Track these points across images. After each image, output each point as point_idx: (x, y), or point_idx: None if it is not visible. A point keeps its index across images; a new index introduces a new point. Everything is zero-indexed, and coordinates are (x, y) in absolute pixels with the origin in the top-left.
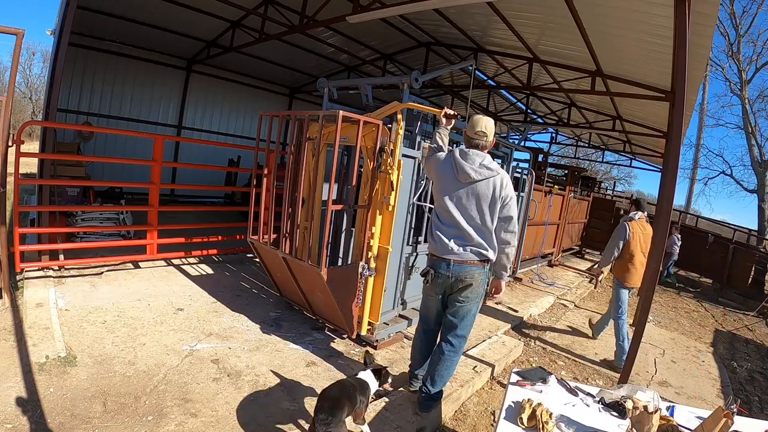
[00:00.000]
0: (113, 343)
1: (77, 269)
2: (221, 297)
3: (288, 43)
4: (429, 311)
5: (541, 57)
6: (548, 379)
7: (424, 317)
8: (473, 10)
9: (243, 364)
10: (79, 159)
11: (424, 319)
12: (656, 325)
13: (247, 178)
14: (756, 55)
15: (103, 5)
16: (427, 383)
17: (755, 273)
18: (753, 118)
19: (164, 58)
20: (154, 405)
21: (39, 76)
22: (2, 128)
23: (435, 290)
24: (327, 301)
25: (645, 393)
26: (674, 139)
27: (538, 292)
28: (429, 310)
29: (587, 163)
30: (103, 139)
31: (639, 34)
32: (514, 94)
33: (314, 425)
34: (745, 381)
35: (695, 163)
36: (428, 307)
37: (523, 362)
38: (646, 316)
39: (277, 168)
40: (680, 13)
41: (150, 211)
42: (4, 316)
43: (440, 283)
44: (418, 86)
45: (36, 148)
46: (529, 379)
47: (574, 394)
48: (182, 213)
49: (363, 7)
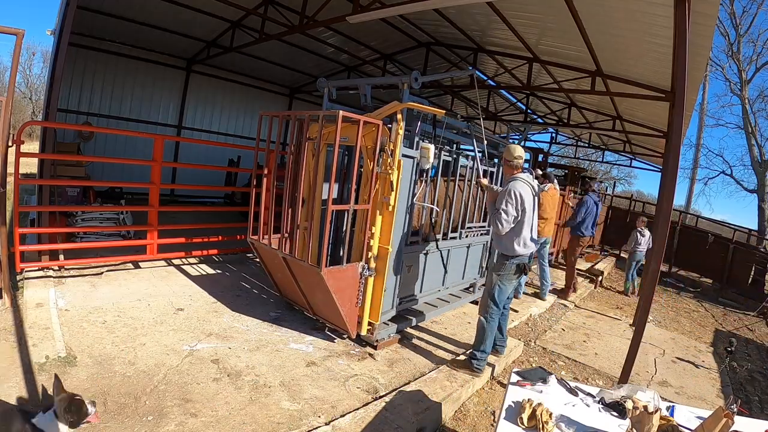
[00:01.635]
0: (113, 343)
1: (77, 269)
2: (221, 297)
3: (288, 43)
4: (507, 294)
5: (541, 57)
6: (548, 379)
7: (502, 301)
8: (473, 10)
9: (243, 364)
10: (79, 159)
11: (502, 303)
12: (656, 325)
13: (247, 178)
14: (756, 55)
15: (103, 5)
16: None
17: (755, 273)
18: (753, 118)
19: (164, 58)
20: (154, 405)
21: (39, 76)
22: (2, 128)
23: (516, 276)
24: (327, 301)
25: (645, 393)
26: (674, 139)
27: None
28: (507, 293)
29: (587, 163)
30: (103, 139)
31: (639, 34)
32: (514, 94)
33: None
34: (745, 381)
35: (695, 163)
36: (507, 291)
37: (523, 362)
38: (646, 316)
39: (277, 168)
40: (680, 13)
41: (150, 211)
42: (4, 316)
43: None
44: (417, 86)
45: (36, 148)
46: (529, 379)
47: (574, 394)
48: (182, 213)
49: (363, 7)
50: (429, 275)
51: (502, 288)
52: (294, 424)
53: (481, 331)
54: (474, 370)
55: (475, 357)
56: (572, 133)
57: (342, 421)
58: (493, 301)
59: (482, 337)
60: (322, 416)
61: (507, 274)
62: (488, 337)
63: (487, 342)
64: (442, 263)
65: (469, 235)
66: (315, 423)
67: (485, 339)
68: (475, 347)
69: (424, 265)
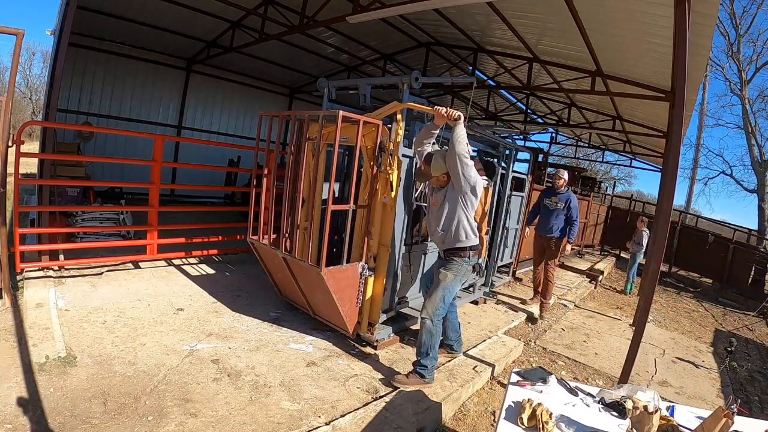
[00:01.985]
0: (113, 343)
1: (77, 269)
2: (221, 297)
3: (288, 43)
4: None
5: (541, 57)
6: (548, 379)
7: (450, 300)
8: (473, 10)
9: (243, 364)
10: (79, 159)
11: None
12: (656, 325)
13: (247, 178)
14: (756, 55)
15: (103, 5)
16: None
17: (755, 273)
18: (753, 118)
19: (164, 58)
20: (154, 405)
21: (39, 76)
22: (2, 128)
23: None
24: (327, 301)
25: (645, 393)
26: (674, 139)
27: None
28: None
29: (587, 163)
30: (103, 139)
31: (639, 34)
32: (514, 94)
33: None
34: (745, 381)
35: (695, 163)
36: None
37: (523, 362)
38: (646, 316)
39: (277, 168)
40: (680, 13)
41: (150, 211)
42: (5, 316)
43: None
44: (418, 86)
45: (36, 148)
46: (529, 379)
47: (574, 394)
48: (182, 213)
49: (363, 7)
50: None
51: (454, 288)
52: (294, 424)
53: (428, 335)
54: (426, 379)
55: (423, 365)
56: (572, 133)
57: (342, 421)
58: (443, 302)
59: (431, 341)
60: (322, 416)
61: (460, 270)
62: (436, 341)
63: (436, 347)
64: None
65: None
66: (315, 423)
67: (434, 343)
68: (422, 354)
69: (423, 264)
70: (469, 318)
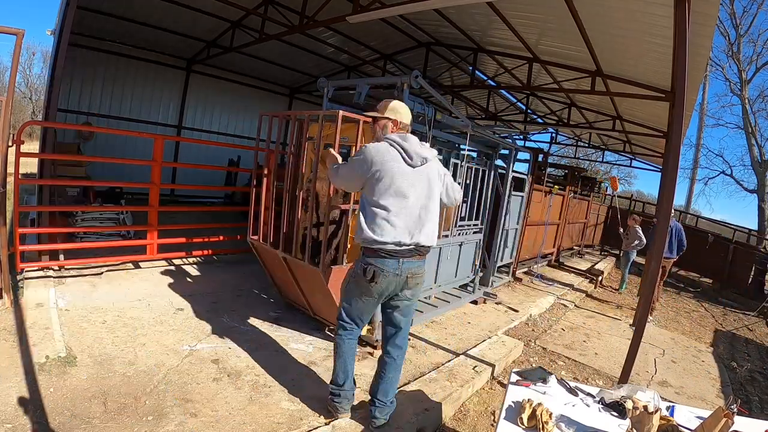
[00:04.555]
0: (113, 343)
1: (77, 269)
2: (221, 297)
3: (288, 43)
4: (365, 311)
5: (541, 57)
6: (548, 379)
7: (354, 318)
8: (473, 10)
9: (243, 364)
10: (79, 159)
11: (354, 319)
12: (656, 325)
13: (247, 178)
14: (756, 55)
15: (103, 5)
16: (383, 398)
17: (755, 273)
18: (753, 118)
19: (164, 58)
20: (154, 405)
21: (39, 76)
22: (2, 128)
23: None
24: (327, 301)
25: (645, 393)
26: (674, 139)
27: (538, 292)
28: (365, 310)
29: (587, 163)
30: (103, 139)
31: (639, 34)
32: (514, 94)
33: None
34: (745, 381)
35: (695, 163)
36: (363, 308)
37: (523, 362)
38: (646, 316)
39: (277, 168)
40: (680, 13)
41: (150, 211)
42: (4, 316)
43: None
44: (417, 86)
45: (36, 148)
46: (529, 379)
47: (574, 394)
48: (182, 213)
49: (363, 7)
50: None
51: (352, 301)
52: (294, 424)
53: (334, 353)
54: (329, 409)
55: (330, 392)
56: (572, 133)
57: (342, 421)
58: (339, 315)
59: (334, 364)
60: (322, 416)
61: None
62: (338, 365)
63: (338, 372)
64: (436, 261)
65: (461, 234)
66: (315, 423)
67: (336, 367)
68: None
69: None
70: (470, 318)
